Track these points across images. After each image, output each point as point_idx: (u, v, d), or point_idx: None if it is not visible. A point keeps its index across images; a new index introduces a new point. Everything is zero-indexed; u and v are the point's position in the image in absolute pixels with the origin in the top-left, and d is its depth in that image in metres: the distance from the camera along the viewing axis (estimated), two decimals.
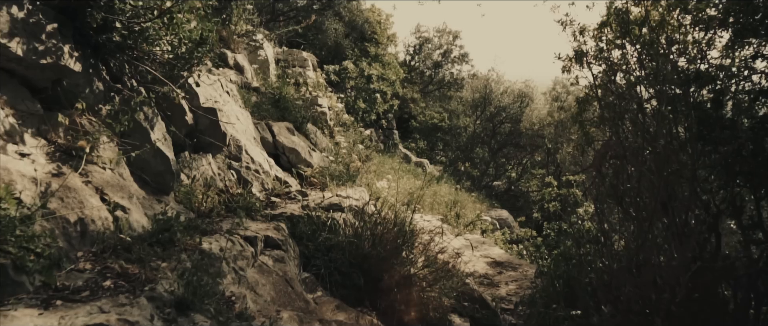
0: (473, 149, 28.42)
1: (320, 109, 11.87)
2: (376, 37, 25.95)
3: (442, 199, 19.48)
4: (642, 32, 9.32)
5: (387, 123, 26.55)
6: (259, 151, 7.12)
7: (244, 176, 6.55)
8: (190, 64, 5.49)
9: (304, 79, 14.01)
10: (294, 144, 8.26)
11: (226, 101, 7.00)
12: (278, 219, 6.00)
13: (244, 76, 10.79)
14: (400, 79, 26.20)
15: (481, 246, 10.65)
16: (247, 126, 7.30)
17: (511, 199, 26.50)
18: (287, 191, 6.86)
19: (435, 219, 13.27)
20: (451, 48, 31.06)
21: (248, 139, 7.05)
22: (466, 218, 17.15)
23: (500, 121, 27.96)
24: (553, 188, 19.48)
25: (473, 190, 24.60)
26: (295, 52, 14.35)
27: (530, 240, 19.36)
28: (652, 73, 8.73)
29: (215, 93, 6.78)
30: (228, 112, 6.90)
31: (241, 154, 6.61)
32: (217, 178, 6.26)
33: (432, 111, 29.70)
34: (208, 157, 6.30)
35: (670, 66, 8.29)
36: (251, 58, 12.12)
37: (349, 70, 23.73)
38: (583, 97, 10.90)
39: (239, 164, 6.58)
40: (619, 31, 9.58)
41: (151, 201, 5.06)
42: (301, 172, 8.05)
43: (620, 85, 9.95)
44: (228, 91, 7.33)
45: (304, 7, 24.67)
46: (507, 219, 22.62)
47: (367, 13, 25.51)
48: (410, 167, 24.43)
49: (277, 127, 8.36)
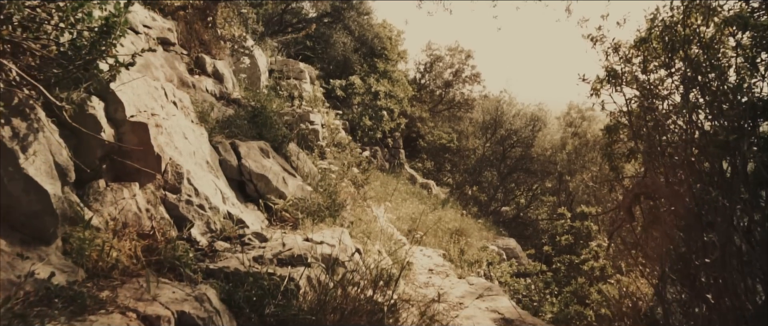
0: (482, 172, 26.59)
1: (312, 126, 10.18)
2: (386, 53, 24.34)
3: (447, 226, 17.70)
4: (689, 52, 7.57)
5: (393, 141, 24.85)
6: (211, 179, 5.42)
7: (183, 213, 4.85)
8: (92, 59, 3.80)
9: (299, 92, 12.35)
10: (265, 169, 6.55)
11: (170, 114, 5.31)
12: (215, 276, 4.27)
13: (223, 86, 9.14)
14: (409, 96, 24.51)
15: (486, 295, 8.87)
16: (199, 146, 5.61)
17: (519, 227, 24.62)
18: (240, 234, 5.16)
19: (436, 254, 11.49)
20: (462, 67, 29.34)
21: (197, 164, 5.36)
22: (471, 252, 15.34)
23: (511, 144, 26.11)
24: (566, 220, 17.60)
25: (480, 216, 22.77)
26: (291, 63, 12.72)
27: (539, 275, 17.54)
28: (706, 100, 6.97)
29: (153, 102, 5.09)
30: (171, 127, 5.20)
31: (181, 183, 4.92)
32: (142, 217, 4.55)
33: (441, 131, 27.96)
34: (133, 188, 4.60)
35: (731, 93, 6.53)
36: (243, 67, 10.47)
37: (355, 86, 22.09)
38: (612, 124, 9.11)
39: (177, 197, 4.88)
40: (663, 49, 7.82)
41: (14, 259, 3.36)
42: (270, 205, 6.33)
43: (660, 112, 8.19)
44: (176, 100, 5.65)
45: (312, 19, 23.11)
46: (514, 250, 20.75)
47: (377, 28, 23.92)
48: (415, 189, 22.65)
49: (245, 148, 6.66)
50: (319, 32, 22.63)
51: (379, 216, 13.18)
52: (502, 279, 16.02)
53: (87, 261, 3.77)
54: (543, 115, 26.15)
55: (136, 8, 7.98)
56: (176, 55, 8.72)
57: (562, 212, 17.86)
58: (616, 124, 8.74)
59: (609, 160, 8.97)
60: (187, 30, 9.27)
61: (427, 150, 27.01)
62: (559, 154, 24.35)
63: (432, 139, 27.05)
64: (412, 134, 27.34)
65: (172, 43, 8.61)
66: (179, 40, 8.97)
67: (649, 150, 8.40)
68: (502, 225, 23.80)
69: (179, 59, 8.72)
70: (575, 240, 17.79)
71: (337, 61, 23.07)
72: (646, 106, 8.49)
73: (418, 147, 27.26)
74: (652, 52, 8.20)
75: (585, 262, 16.76)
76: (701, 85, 7.38)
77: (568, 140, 24.30)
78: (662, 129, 7.92)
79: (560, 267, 17.57)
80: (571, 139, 24.13)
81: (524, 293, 16.41)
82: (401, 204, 18.06)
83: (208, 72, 9.05)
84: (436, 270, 10.03)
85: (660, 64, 8.21)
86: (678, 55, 7.59)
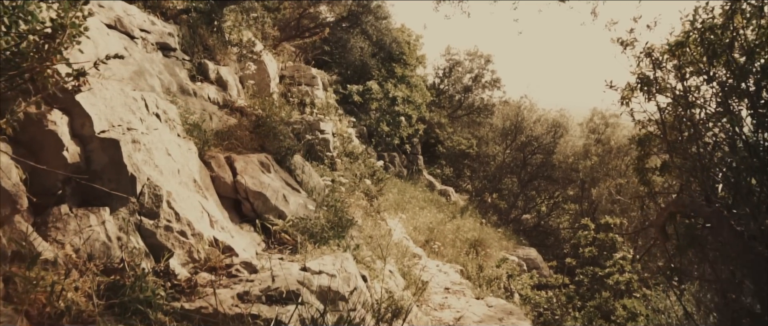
0: (501, 179, 25.73)
1: (322, 136, 9.54)
2: (404, 58, 23.65)
3: (465, 236, 16.94)
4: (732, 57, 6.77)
5: (411, 147, 24.14)
6: (197, 200, 4.79)
7: (161, 241, 4.23)
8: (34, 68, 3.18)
9: (311, 98, 11.73)
10: (262, 186, 5.91)
11: (151, 127, 4.70)
12: (190, 319, 3.63)
13: (226, 93, 8.54)
14: (427, 102, 23.78)
15: (507, 318, 8.13)
16: (186, 163, 4.99)
17: (540, 236, 23.71)
18: (227, 263, 4.52)
19: (453, 270, 10.76)
20: (482, 72, 28.53)
21: (181, 183, 4.74)
22: (490, 263, 14.55)
23: (531, 151, 25.18)
24: (590, 231, 16.70)
25: (500, 225, 21.94)
26: (303, 68, 12.11)
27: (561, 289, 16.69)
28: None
29: (131, 115, 4.48)
30: (152, 143, 4.58)
31: (159, 207, 4.30)
32: (112, 248, 3.93)
33: (460, 137, 27.19)
34: (102, 214, 3.98)
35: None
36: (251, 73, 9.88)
37: (373, 91, 21.45)
38: (644, 135, 8.31)
39: (155, 223, 4.26)
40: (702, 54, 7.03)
41: None
42: (268, 226, 5.69)
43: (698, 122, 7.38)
44: (159, 112, 5.04)
45: (329, 23, 22.52)
46: (535, 260, 19.89)
47: (395, 32, 23.23)
48: (433, 196, 21.90)
49: (242, 163, 6.03)
50: (337, 37, 22.05)
51: (394, 228, 12.50)
52: (522, 292, 15.22)
53: (32, 306, 3.15)
54: (565, 121, 25.19)
55: (134, 11, 7.43)
56: (177, 61, 8.15)
57: (585, 222, 16.98)
58: (648, 135, 7.93)
59: (640, 174, 8.18)
60: (191, 34, 8.70)
61: (446, 156, 26.25)
62: (581, 161, 23.38)
63: (451, 144, 26.29)
64: (430, 140, 26.61)
65: (173, 48, 8.04)
66: (181, 45, 8.40)
67: (685, 164, 7.60)
68: (523, 234, 22.96)
69: (180, 65, 8.15)
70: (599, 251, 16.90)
71: (355, 66, 22.45)
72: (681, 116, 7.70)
73: (437, 153, 26.52)
74: (688, 57, 7.41)
75: (610, 275, 15.88)
76: (745, 94, 6.58)
77: (591, 147, 23.32)
78: (700, 141, 7.12)
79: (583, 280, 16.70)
80: (594, 147, 23.15)
81: (545, 306, 15.56)
82: (418, 213, 17.35)
83: (210, 79, 8.47)
84: (452, 289, 9.32)
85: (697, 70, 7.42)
86: (719, 60, 6.79)
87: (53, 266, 3.54)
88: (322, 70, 21.24)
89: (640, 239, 21.04)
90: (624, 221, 19.28)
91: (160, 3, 8.59)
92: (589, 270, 16.55)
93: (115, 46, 6.44)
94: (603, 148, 23.12)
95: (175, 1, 8.81)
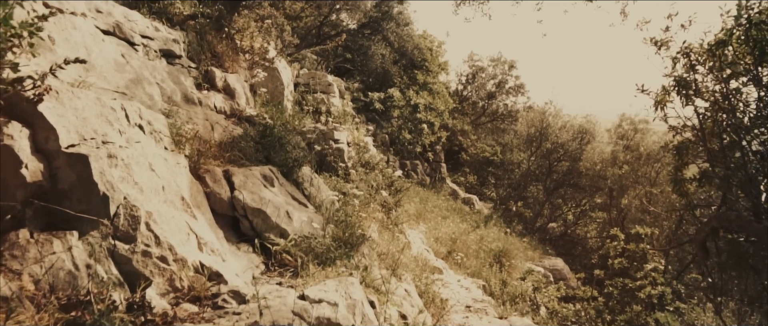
0: (527, 187, 24.91)
1: (336, 145, 9.00)
2: (426, 65, 23.05)
3: (489, 246, 16.24)
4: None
5: (434, 155, 23.50)
6: (184, 220, 4.25)
7: (138, 268, 3.71)
8: None
9: (327, 106, 11.21)
10: (263, 201, 5.37)
11: (131, 140, 4.18)
12: None
13: (234, 102, 8.05)
14: (450, 109, 23.14)
15: None
16: (172, 179, 4.46)
17: (566, 245, 22.82)
18: (214, 293, 3.98)
19: (475, 286, 10.08)
20: (505, 78, 27.77)
21: (166, 202, 4.21)
22: (514, 276, 13.82)
23: (557, 158, 24.31)
24: (619, 242, 15.81)
25: (525, 234, 21.13)
26: (319, 75, 11.59)
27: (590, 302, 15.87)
28: None
29: (107, 127, 3.98)
30: (131, 157, 4.06)
31: (136, 229, 3.78)
32: (79, 277, 3.41)
33: (483, 144, 26.45)
34: (69, 239, 3.47)
35: None
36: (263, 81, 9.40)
37: (394, 98, 20.89)
38: (681, 142, 7.56)
39: (131, 247, 3.74)
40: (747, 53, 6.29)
41: None
42: (268, 246, 5.14)
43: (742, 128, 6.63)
44: (142, 123, 4.53)
45: (349, 31, 22.06)
46: (562, 271, 19.04)
47: (417, 39, 22.66)
48: (457, 205, 21.19)
49: (241, 176, 5.50)
50: (358, 44, 21.60)
51: (413, 240, 11.88)
52: (549, 306, 14.46)
53: None
54: (591, 127, 24.28)
55: (135, 17, 6.99)
56: (182, 68, 7.69)
57: (615, 233, 16.09)
58: (685, 142, 7.20)
59: (676, 184, 7.44)
60: (198, 41, 8.25)
61: (470, 163, 25.55)
62: (609, 168, 22.43)
63: (475, 152, 25.59)
64: (454, 147, 25.94)
65: (178, 55, 7.59)
66: (188, 52, 7.95)
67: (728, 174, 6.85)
68: (549, 244, 22.11)
69: (186, 73, 7.69)
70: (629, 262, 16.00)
71: (377, 74, 21.95)
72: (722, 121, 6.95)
73: (461, 160, 25.84)
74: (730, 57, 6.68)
75: (641, 288, 15.01)
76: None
77: (620, 154, 22.36)
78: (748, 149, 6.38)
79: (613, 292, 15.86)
80: (622, 153, 22.19)
81: (573, 320, 14.79)
82: (441, 222, 16.70)
83: (218, 87, 7.99)
84: (474, 307, 8.66)
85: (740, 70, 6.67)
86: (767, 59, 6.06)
87: (6, 302, 3.04)
88: (343, 78, 20.79)
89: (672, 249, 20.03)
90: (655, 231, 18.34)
91: (167, 9, 8.17)
92: (619, 282, 15.68)
93: (111, 53, 6.00)
94: (632, 154, 22.15)
95: (182, 7, 8.38)
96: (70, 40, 5.34)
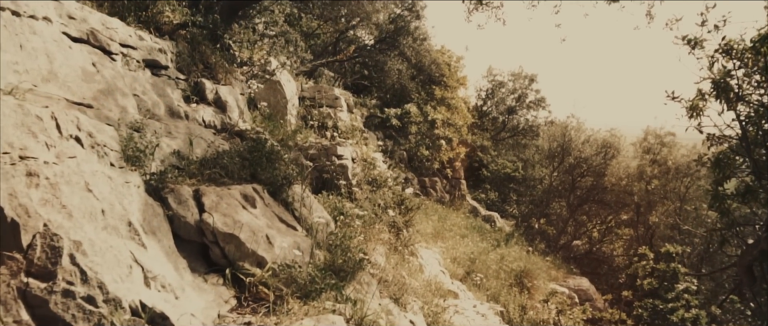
0: (549, 204, 23.77)
1: (339, 161, 8.23)
2: (444, 80, 22.26)
3: (510, 266, 15.19)
4: None
5: (453, 172, 22.59)
6: (127, 249, 3.49)
7: (56, 312, 2.96)
8: None
9: (333, 121, 10.47)
10: (236, 226, 4.60)
11: (62, 154, 3.46)
12: None
13: (225, 115, 7.35)
14: (468, 124, 22.25)
15: None
16: (118, 201, 3.72)
17: (592, 264, 21.61)
18: None
19: (492, 313, 9.14)
20: (526, 92, 26.79)
21: (105, 228, 3.47)
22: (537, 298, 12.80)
23: (581, 173, 23.15)
24: (648, 261, 14.66)
25: (548, 252, 20.01)
26: (325, 89, 10.88)
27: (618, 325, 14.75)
28: None
29: (30, 139, 3.26)
30: (61, 176, 3.33)
31: (57, 263, 3.04)
32: None
33: (504, 159, 25.46)
34: None
35: None
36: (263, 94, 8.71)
37: (411, 114, 20.11)
38: (721, 154, 6.60)
39: (48, 286, 2.99)
40: None
41: None
42: (240, 276, 4.36)
43: None
44: (80, 135, 3.80)
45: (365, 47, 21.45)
46: (588, 291, 17.85)
47: (435, 54, 21.92)
48: (477, 222, 20.19)
49: (213, 197, 4.74)
50: (374, 60, 20.95)
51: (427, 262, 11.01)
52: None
53: None
54: (616, 141, 23.10)
55: (115, 25, 6.35)
56: (169, 80, 7.03)
57: (643, 252, 14.95)
58: (726, 153, 6.24)
59: (716, 200, 6.48)
60: (189, 52, 7.59)
61: (491, 180, 24.55)
62: (636, 183, 21.20)
63: (495, 168, 24.61)
64: (474, 163, 25.00)
65: (164, 66, 6.93)
66: (177, 62, 7.29)
67: None
68: (573, 262, 20.94)
69: (173, 85, 7.02)
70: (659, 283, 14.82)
71: (394, 90, 21.26)
72: None
73: (481, 176, 24.86)
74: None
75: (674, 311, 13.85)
76: None
77: (647, 168, 21.13)
78: None
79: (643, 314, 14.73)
80: (649, 168, 20.96)
81: None
82: (459, 241, 15.75)
83: (208, 99, 7.30)
84: None
85: None
86: None
87: None
88: (361, 95, 20.13)
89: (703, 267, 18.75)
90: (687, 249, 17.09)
91: (156, 17, 7.54)
92: (648, 304, 14.55)
93: (79, 61, 5.34)
94: (660, 169, 20.91)
95: (173, 16, 7.74)
96: (26, 46, 4.68)
